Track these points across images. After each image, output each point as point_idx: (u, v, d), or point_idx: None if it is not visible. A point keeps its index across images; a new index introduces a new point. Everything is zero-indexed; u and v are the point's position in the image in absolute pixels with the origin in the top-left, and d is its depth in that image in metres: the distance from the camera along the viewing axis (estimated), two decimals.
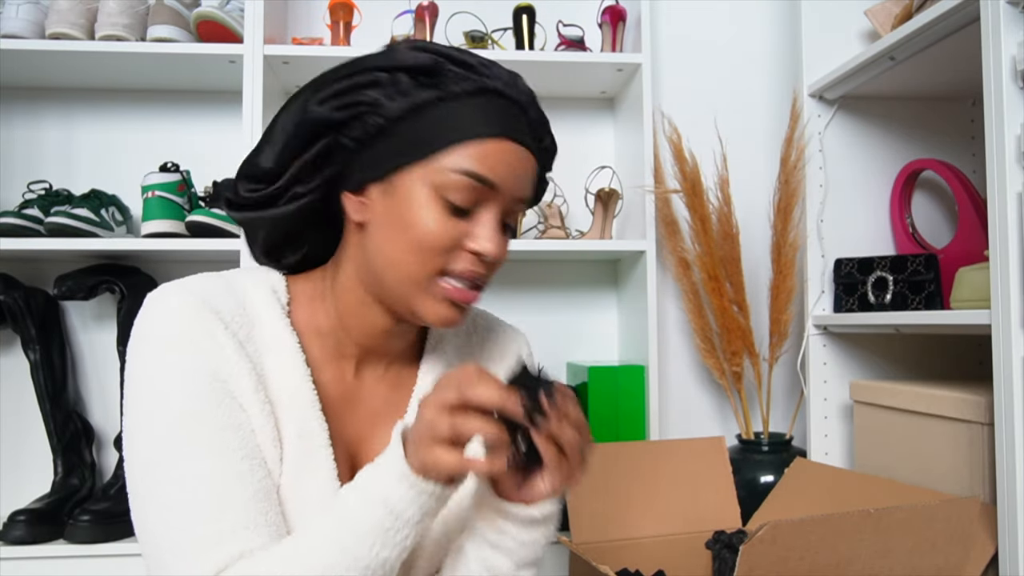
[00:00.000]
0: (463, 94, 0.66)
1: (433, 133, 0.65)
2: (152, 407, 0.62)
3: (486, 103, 0.67)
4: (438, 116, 0.66)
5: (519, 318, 1.68)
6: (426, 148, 0.66)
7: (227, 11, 1.45)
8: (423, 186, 0.66)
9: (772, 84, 1.77)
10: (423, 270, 0.66)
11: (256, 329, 0.68)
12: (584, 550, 1.12)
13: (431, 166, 0.65)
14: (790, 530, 0.84)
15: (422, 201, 0.65)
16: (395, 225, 0.66)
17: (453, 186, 0.65)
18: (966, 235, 1.34)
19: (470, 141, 0.65)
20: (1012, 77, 0.97)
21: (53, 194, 1.46)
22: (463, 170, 0.65)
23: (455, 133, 0.65)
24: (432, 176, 0.65)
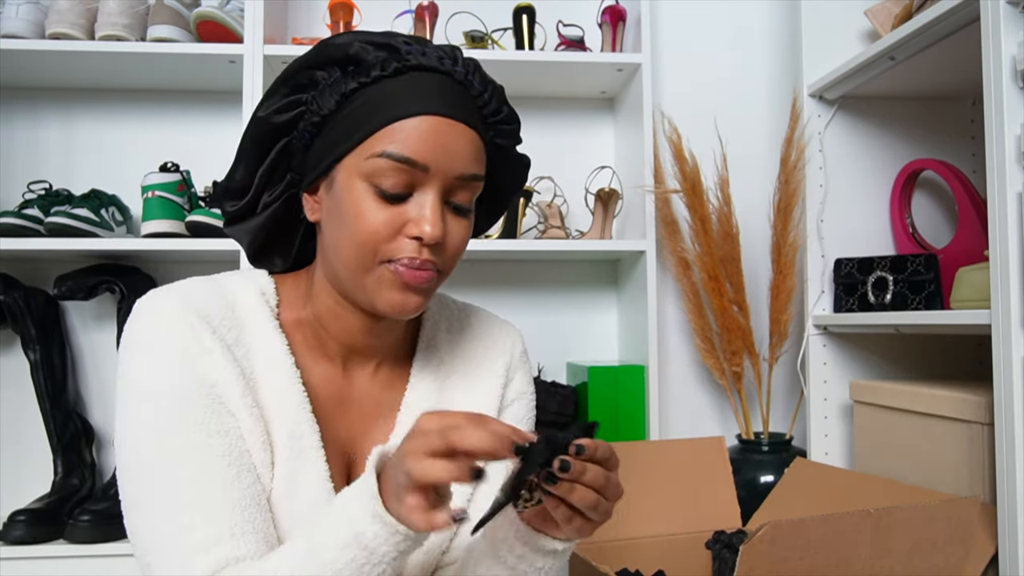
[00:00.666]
0: (385, 77, 0.65)
1: (359, 121, 0.65)
2: (140, 413, 0.62)
3: (410, 82, 0.65)
4: (363, 103, 0.65)
5: (519, 318, 1.69)
6: (354, 137, 0.65)
7: (227, 11, 1.45)
8: (356, 176, 0.65)
9: (772, 84, 1.77)
10: (366, 262, 0.65)
11: (245, 332, 0.68)
12: (584, 550, 1.12)
13: (360, 154, 0.64)
14: (790, 530, 0.84)
15: (357, 192, 0.64)
16: (338, 219, 0.66)
17: (380, 172, 0.63)
18: (966, 235, 1.34)
19: (393, 123, 0.64)
20: (1012, 77, 0.97)
21: (53, 194, 1.46)
22: (386, 153, 0.63)
23: (378, 117, 0.64)
24: (361, 165, 0.64)
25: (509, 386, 0.82)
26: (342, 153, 0.65)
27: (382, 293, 0.65)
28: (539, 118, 1.72)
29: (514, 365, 0.83)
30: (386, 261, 0.65)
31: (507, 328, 0.86)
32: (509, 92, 1.87)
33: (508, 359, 0.82)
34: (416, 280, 0.65)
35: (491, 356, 0.82)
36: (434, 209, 0.64)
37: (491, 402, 0.79)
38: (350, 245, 0.65)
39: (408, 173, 0.63)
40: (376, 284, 0.65)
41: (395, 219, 0.64)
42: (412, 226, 0.64)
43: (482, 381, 0.80)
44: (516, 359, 0.83)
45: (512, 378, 0.82)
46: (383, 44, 0.66)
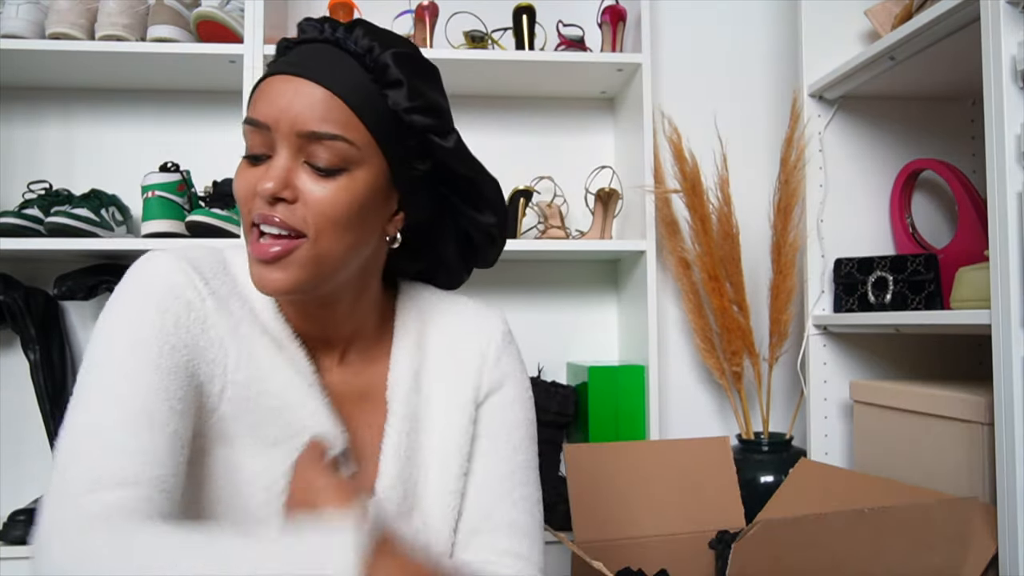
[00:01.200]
0: (277, 57, 0.69)
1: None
2: (114, 334, 0.63)
3: (288, 54, 0.68)
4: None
5: (519, 318, 1.69)
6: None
7: (227, 11, 1.45)
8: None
9: (772, 84, 1.78)
10: (245, 229, 0.66)
11: (240, 290, 0.70)
12: (586, 549, 1.12)
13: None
14: (783, 529, 0.84)
15: (238, 166, 0.68)
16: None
17: (245, 138, 0.66)
18: (966, 235, 1.34)
19: (253, 91, 0.67)
20: (1012, 77, 0.97)
21: (53, 194, 1.46)
22: (245, 119, 0.66)
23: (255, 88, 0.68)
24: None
25: (487, 371, 0.78)
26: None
27: (252, 269, 0.66)
28: (539, 118, 1.72)
29: (494, 347, 0.79)
30: (252, 225, 0.65)
31: (487, 311, 0.82)
32: (509, 92, 1.87)
33: (484, 341, 0.79)
34: (262, 254, 0.63)
35: (465, 341, 0.79)
36: (276, 166, 0.63)
37: (466, 390, 0.77)
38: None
39: (259, 134, 0.64)
40: (250, 260, 0.66)
41: (252, 181, 0.65)
42: (259, 184, 0.64)
43: (457, 365, 0.77)
44: (497, 341, 0.80)
45: (492, 362, 0.78)
46: (287, 38, 0.70)
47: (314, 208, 0.63)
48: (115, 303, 0.65)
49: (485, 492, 0.75)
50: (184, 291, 0.65)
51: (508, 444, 0.77)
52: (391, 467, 0.71)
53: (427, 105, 0.68)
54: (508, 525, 0.74)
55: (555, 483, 1.47)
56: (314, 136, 0.63)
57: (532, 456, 0.79)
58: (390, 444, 0.72)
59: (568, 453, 1.26)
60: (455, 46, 1.61)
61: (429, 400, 0.75)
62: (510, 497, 0.75)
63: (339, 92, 0.64)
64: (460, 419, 0.75)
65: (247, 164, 0.66)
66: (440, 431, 0.74)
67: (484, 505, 0.74)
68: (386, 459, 0.71)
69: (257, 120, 0.64)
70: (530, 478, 0.77)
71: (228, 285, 0.68)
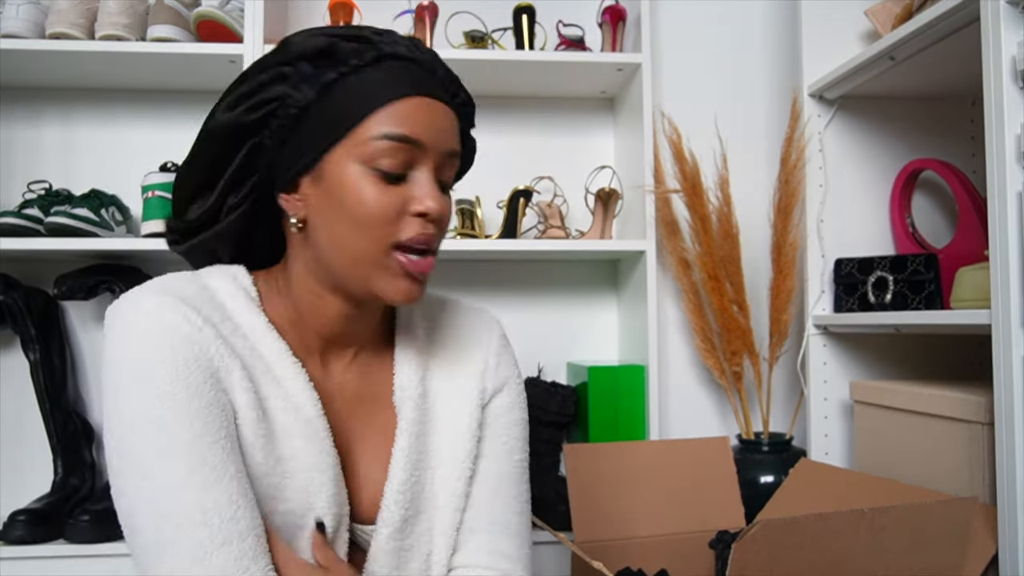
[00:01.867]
0: (365, 65, 0.66)
1: (346, 109, 0.65)
2: (133, 395, 0.61)
3: (389, 68, 0.66)
4: (346, 92, 0.65)
5: (519, 318, 1.70)
6: (343, 125, 0.65)
7: (227, 11, 1.45)
8: (351, 163, 0.65)
9: (772, 84, 1.78)
10: (375, 247, 0.65)
11: (230, 319, 0.68)
12: (586, 549, 1.11)
13: (353, 141, 0.64)
14: (782, 528, 0.84)
15: (354, 178, 0.64)
16: (334, 211, 0.65)
17: (380, 153, 0.64)
18: (966, 235, 1.34)
19: (384, 106, 0.65)
20: (1012, 77, 0.97)
21: (53, 194, 1.46)
22: (385, 134, 0.64)
23: (368, 102, 0.64)
24: (357, 151, 0.64)
25: (490, 374, 0.80)
26: (330, 143, 0.65)
27: (388, 281, 0.66)
28: (539, 118, 1.72)
29: (493, 352, 0.81)
30: (395, 247, 0.65)
31: (483, 316, 0.84)
32: (509, 92, 1.88)
33: (485, 348, 0.81)
34: (422, 270, 0.66)
35: (468, 345, 0.81)
36: (432, 185, 0.66)
37: (472, 393, 0.78)
38: (354, 233, 0.65)
39: (407, 152, 0.65)
40: (383, 272, 0.66)
41: (397, 199, 0.65)
42: (416, 203, 0.65)
43: (462, 368, 0.79)
44: (495, 346, 0.82)
45: (494, 365, 0.80)
46: (354, 36, 0.66)
47: (444, 226, 0.69)
48: (117, 358, 0.62)
49: (485, 492, 0.76)
50: (180, 325, 0.63)
51: (507, 446, 0.79)
52: (401, 471, 0.72)
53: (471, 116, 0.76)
54: (504, 525, 0.76)
55: (555, 483, 1.47)
56: (453, 155, 0.69)
57: (526, 456, 0.81)
58: (401, 448, 0.72)
59: (568, 453, 1.26)
60: (455, 46, 1.61)
61: (436, 403, 0.76)
62: (506, 497, 0.77)
63: (460, 117, 0.71)
64: (468, 422, 0.76)
65: (383, 183, 0.64)
66: (449, 434, 0.76)
67: (483, 504, 0.76)
68: (396, 464, 0.72)
69: (413, 138, 0.65)
70: (524, 478, 0.80)
71: (218, 311, 0.67)
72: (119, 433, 0.61)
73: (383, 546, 0.71)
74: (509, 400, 0.81)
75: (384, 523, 0.71)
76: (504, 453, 0.78)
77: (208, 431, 0.61)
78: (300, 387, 0.69)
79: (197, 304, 0.65)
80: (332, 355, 0.74)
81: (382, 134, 0.64)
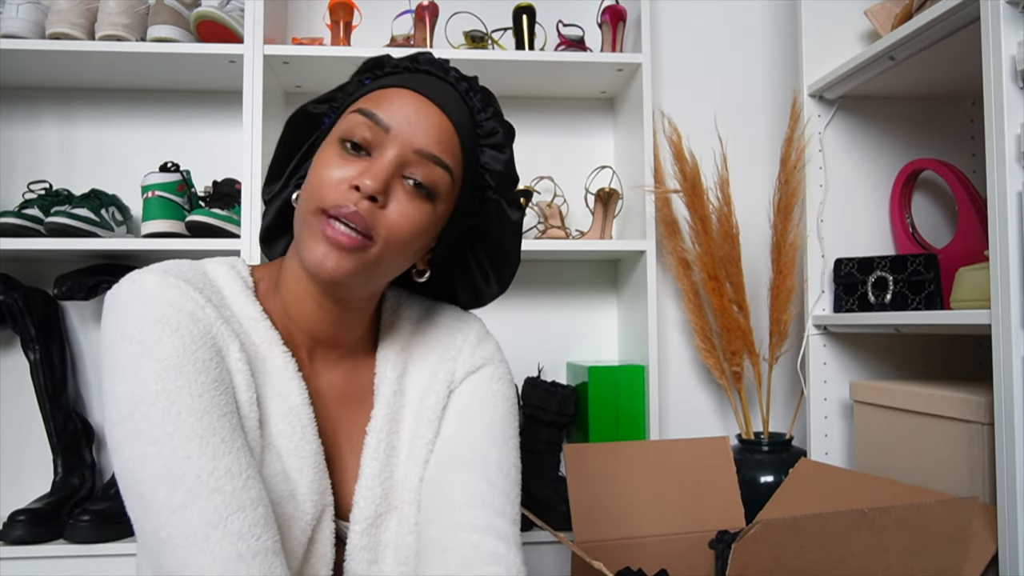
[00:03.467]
0: (394, 72, 0.72)
1: (350, 99, 0.72)
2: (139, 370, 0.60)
3: (410, 75, 0.71)
4: (362, 88, 0.72)
5: (519, 318, 1.70)
6: (341, 110, 0.72)
7: (227, 11, 1.45)
8: (332, 139, 0.69)
9: (772, 84, 1.78)
10: (307, 207, 0.66)
11: (229, 304, 0.69)
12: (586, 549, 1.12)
13: (342, 121, 0.69)
14: (782, 528, 0.84)
15: (328, 149, 0.68)
16: (306, 187, 0.68)
17: (348, 126, 0.67)
18: (966, 235, 1.34)
19: (374, 91, 0.69)
20: (1012, 77, 0.97)
21: (53, 194, 1.46)
22: (358, 108, 0.67)
23: (365, 90, 0.70)
24: (338, 127, 0.69)
25: (463, 359, 0.78)
26: (329, 126, 0.71)
27: (308, 245, 0.65)
28: (539, 118, 1.72)
29: (469, 342, 0.80)
30: (321, 211, 0.64)
31: (466, 315, 0.84)
32: (509, 92, 1.88)
33: (461, 339, 0.80)
34: (337, 237, 0.63)
35: (444, 338, 0.80)
36: (381, 167, 0.65)
37: (440, 377, 0.77)
38: (303, 200, 0.67)
39: (372, 130, 0.66)
40: (307, 236, 0.65)
41: (348, 171, 0.65)
42: (356, 177, 0.65)
43: (435, 360, 0.78)
44: (472, 336, 0.80)
45: (468, 352, 0.79)
46: (411, 56, 0.73)
47: (394, 221, 0.66)
48: (120, 336, 0.61)
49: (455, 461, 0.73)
50: (184, 304, 0.64)
51: (487, 410, 0.76)
52: (371, 467, 0.72)
53: (513, 177, 0.76)
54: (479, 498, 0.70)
55: (555, 483, 1.47)
56: (428, 157, 0.67)
57: (513, 431, 0.77)
58: (371, 444, 0.73)
59: (568, 453, 1.26)
60: (455, 46, 1.61)
61: (409, 397, 0.77)
62: (483, 464, 0.72)
63: (458, 129, 0.69)
64: (432, 405, 0.75)
65: (343, 155, 0.66)
66: (412, 424, 0.75)
67: (460, 478, 0.71)
68: (367, 459, 0.73)
69: (379, 118, 0.66)
70: (507, 459, 0.75)
71: (217, 295, 0.68)
72: (125, 407, 0.59)
73: (358, 541, 0.70)
74: (486, 376, 0.78)
75: (356, 519, 0.71)
76: (478, 419, 0.75)
77: (216, 404, 0.61)
78: (289, 376, 0.69)
79: (199, 285, 0.66)
80: (319, 354, 0.75)
81: (357, 108, 0.68)
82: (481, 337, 0.81)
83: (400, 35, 1.56)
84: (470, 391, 0.77)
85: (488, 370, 0.79)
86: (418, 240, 0.69)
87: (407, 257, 0.70)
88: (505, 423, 0.77)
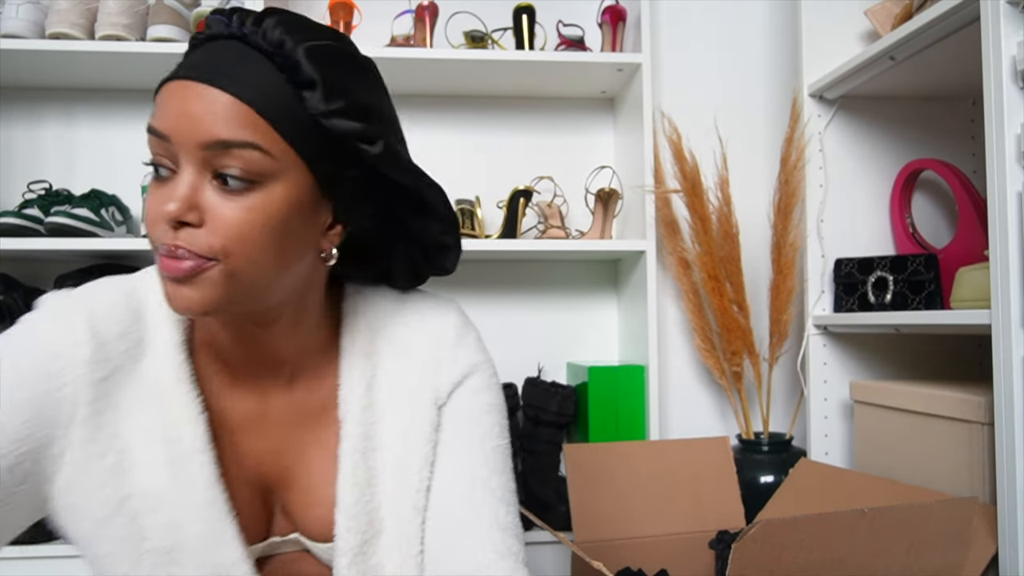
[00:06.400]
0: (187, 52, 0.61)
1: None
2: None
3: (193, 53, 0.59)
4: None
5: (519, 318, 1.70)
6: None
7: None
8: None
9: (772, 84, 1.78)
10: (154, 253, 0.59)
11: (138, 341, 0.64)
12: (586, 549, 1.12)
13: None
14: (782, 528, 0.84)
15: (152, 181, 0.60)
16: None
17: (150, 149, 0.58)
18: (966, 235, 1.34)
19: (156, 96, 0.58)
20: (1012, 77, 0.97)
21: (53, 194, 1.46)
22: (148, 127, 0.58)
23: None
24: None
25: (446, 369, 0.71)
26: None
27: (163, 290, 0.58)
28: (539, 118, 1.72)
29: (447, 345, 0.72)
30: (156, 251, 0.58)
31: (436, 307, 0.74)
32: (509, 92, 1.87)
33: (438, 342, 0.72)
34: (172, 270, 0.56)
35: (418, 343, 0.72)
36: (181, 183, 0.55)
37: (424, 395, 0.70)
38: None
39: (160, 145, 0.56)
40: (162, 279, 0.58)
41: (159, 204, 0.56)
42: (165, 207, 0.55)
43: (412, 370, 0.71)
44: (449, 338, 0.72)
45: (449, 360, 0.71)
46: (199, 32, 0.61)
47: (222, 232, 0.56)
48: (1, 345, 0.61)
49: (461, 487, 0.68)
50: (56, 341, 0.62)
51: (479, 430, 0.70)
52: (349, 495, 0.65)
53: (349, 106, 0.59)
54: (491, 517, 0.67)
55: (555, 483, 1.47)
56: (221, 145, 0.55)
57: (505, 444, 0.72)
58: (346, 471, 0.66)
59: (568, 453, 1.26)
60: (455, 46, 1.61)
61: (384, 414, 0.69)
62: (490, 487, 0.68)
63: (246, 97, 0.55)
64: (421, 427, 0.69)
65: (156, 183, 0.58)
66: (398, 445, 0.68)
67: (461, 501, 0.67)
68: (343, 488, 0.66)
69: (156, 129, 0.56)
70: (506, 467, 0.71)
71: (120, 327, 0.63)
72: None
73: (345, 572, 0.65)
74: (474, 387, 0.72)
75: (342, 552, 0.65)
76: (476, 442, 0.69)
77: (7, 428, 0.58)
78: (186, 417, 0.62)
79: (99, 320, 0.62)
80: (265, 378, 0.68)
81: (147, 127, 0.58)
82: (459, 333, 0.73)
83: (400, 35, 1.56)
84: (463, 413, 0.70)
85: (476, 380, 0.72)
86: (274, 234, 0.57)
87: (276, 255, 0.58)
88: (502, 442, 0.72)
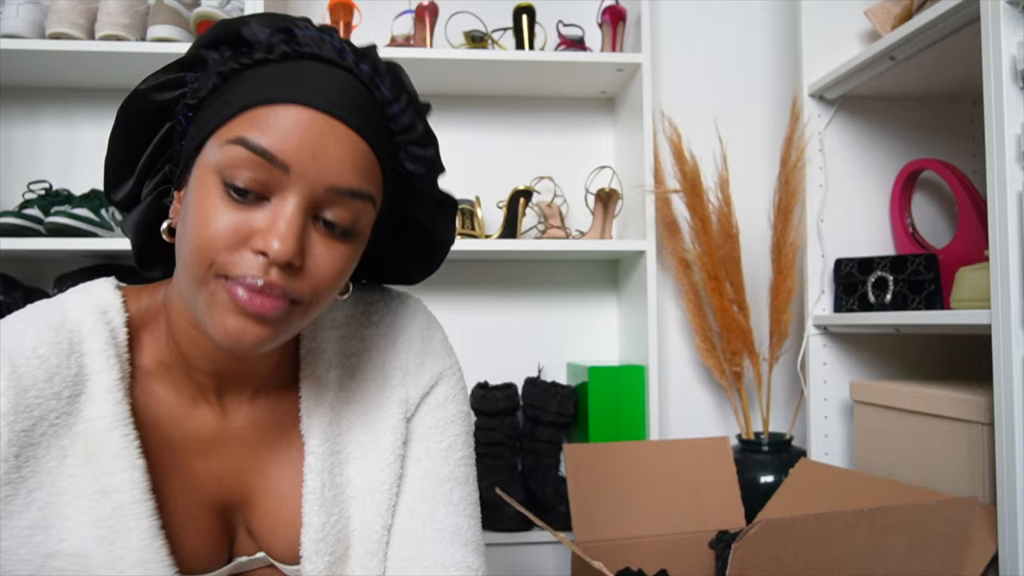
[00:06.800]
0: (268, 61, 0.54)
1: (227, 103, 0.53)
2: None
3: (295, 69, 0.54)
4: (235, 86, 0.54)
5: (519, 318, 1.70)
6: (214, 121, 0.54)
7: (227, 11, 1.45)
8: (209, 168, 0.53)
9: (772, 84, 1.78)
10: (200, 274, 0.52)
11: (71, 382, 0.56)
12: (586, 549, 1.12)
13: (217, 141, 0.53)
14: (783, 528, 0.84)
15: (207, 185, 0.52)
16: (186, 220, 0.54)
17: (231, 162, 0.51)
18: (966, 235, 1.34)
19: (259, 106, 0.52)
20: (1012, 77, 0.97)
21: (53, 194, 1.46)
22: (241, 139, 0.51)
23: (241, 100, 0.52)
24: (215, 153, 0.52)
25: (411, 379, 0.69)
26: (202, 141, 0.54)
27: (214, 315, 0.52)
28: (539, 118, 1.72)
29: (413, 351, 0.69)
30: (223, 276, 0.52)
31: (402, 309, 0.71)
32: (509, 92, 1.87)
33: (403, 349, 0.69)
34: (257, 307, 0.51)
35: (382, 350, 0.68)
36: (290, 222, 0.51)
37: (391, 408, 0.67)
38: (188, 253, 0.52)
39: (265, 170, 0.51)
40: (209, 303, 0.52)
41: (241, 226, 0.51)
42: (259, 238, 0.51)
43: (376, 381, 0.68)
44: (415, 344, 0.69)
45: (415, 367, 0.69)
46: (282, 27, 0.55)
47: (317, 278, 0.54)
48: None
49: (425, 501, 0.66)
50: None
51: (443, 444, 0.69)
52: (316, 516, 0.62)
53: (440, 167, 0.62)
54: (454, 532, 0.66)
55: (555, 483, 1.47)
56: (347, 193, 0.53)
57: (470, 455, 0.71)
58: (312, 490, 0.62)
59: (568, 453, 1.26)
60: (455, 46, 1.61)
61: (351, 427, 0.66)
62: (452, 500, 0.67)
63: (374, 146, 0.54)
64: (390, 442, 0.66)
65: (229, 201, 0.52)
66: (365, 460, 0.66)
67: (425, 514, 0.66)
68: (310, 508, 0.62)
69: (274, 156, 0.51)
70: (470, 478, 0.70)
71: (65, 374, 0.55)
72: None
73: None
74: (441, 396, 0.70)
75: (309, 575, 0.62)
76: (440, 455, 0.68)
77: None
78: (121, 465, 0.55)
79: (20, 364, 0.54)
80: (229, 393, 0.64)
81: (238, 137, 0.51)
82: (424, 336, 0.70)
83: (400, 35, 1.56)
84: (430, 425, 0.68)
85: (442, 390, 0.70)
86: (345, 277, 0.57)
87: (334, 297, 0.58)
88: (467, 452, 0.70)
